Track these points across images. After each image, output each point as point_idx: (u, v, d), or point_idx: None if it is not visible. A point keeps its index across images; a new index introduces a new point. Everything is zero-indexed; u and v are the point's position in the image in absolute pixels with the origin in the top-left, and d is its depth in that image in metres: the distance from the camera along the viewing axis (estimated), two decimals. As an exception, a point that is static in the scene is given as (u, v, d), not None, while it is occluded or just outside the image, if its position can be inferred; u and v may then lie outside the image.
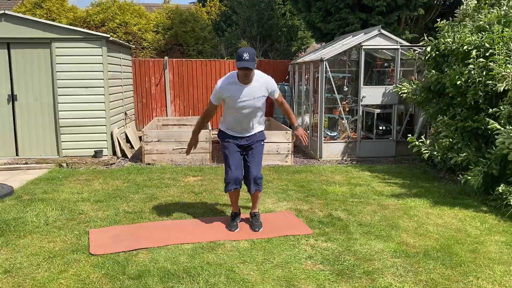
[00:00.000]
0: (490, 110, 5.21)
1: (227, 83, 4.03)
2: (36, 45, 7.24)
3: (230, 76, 4.06)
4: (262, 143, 4.38)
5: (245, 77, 3.93)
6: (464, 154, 5.46)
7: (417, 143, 6.14)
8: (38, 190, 5.71)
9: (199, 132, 4.39)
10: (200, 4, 17.02)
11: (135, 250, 3.84)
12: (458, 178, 6.04)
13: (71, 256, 3.72)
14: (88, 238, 4.10)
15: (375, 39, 7.84)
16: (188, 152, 4.46)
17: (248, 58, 3.79)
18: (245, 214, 4.71)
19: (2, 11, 7.15)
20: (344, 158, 7.96)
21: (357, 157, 7.98)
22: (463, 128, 5.65)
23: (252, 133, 4.27)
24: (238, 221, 4.43)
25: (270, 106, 10.81)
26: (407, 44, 8.14)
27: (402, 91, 7.16)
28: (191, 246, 3.93)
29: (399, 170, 7.07)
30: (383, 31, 7.88)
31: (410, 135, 6.43)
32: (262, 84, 4.07)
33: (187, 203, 5.23)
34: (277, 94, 4.21)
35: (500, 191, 4.91)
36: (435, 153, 5.91)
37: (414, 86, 6.98)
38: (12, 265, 3.54)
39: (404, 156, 8.02)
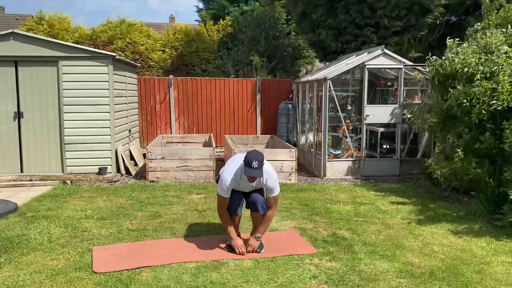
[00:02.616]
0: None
1: (234, 179, 4.10)
2: (43, 63, 7.34)
3: (236, 173, 4.10)
4: None
5: (252, 181, 4.08)
6: (478, 171, 5.46)
7: (431, 164, 6.15)
8: (42, 207, 5.71)
9: (232, 227, 4.23)
10: (211, 23, 17.23)
11: (138, 268, 3.81)
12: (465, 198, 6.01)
13: (74, 274, 3.70)
14: (91, 256, 4.08)
15: (379, 59, 7.91)
16: (244, 253, 4.17)
17: (256, 166, 3.90)
18: (243, 233, 4.69)
19: (11, 30, 7.27)
20: (348, 177, 7.93)
21: (361, 175, 7.96)
22: (469, 147, 5.64)
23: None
24: None
25: (274, 124, 10.85)
26: (411, 63, 8.19)
27: (408, 117, 7.24)
28: (194, 264, 3.91)
29: (404, 189, 7.03)
30: (386, 51, 7.95)
31: (426, 162, 6.39)
32: (264, 181, 4.13)
33: (191, 221, 5.21)
34: (273, 194, 4.19)
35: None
36: (443, 171, 5.88)
37: (421, 107, 7.00)
38: (14, 283, 3.53)
39: (408, 175, 7.99)
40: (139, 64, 11.99)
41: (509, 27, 5.91)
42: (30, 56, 7.26)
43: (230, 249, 4.23)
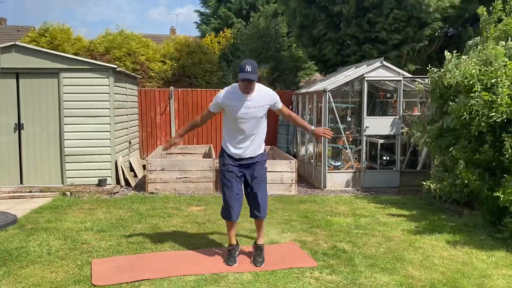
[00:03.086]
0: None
1: (230, 92, 4.09)
2: (44, 75, 7.38)
3: (233, 86, 4.13)
4: (265, 165, 4.34)
5: (247, 89, 3.99)
6: (477, 183, 5.47)
7: (429, 184, 6.18)
8: (41, 219, 5.70)
9: (185, 134, 4.58)
10: (213, 34, 17.37)
11: (137, 281, 3.79)
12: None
13: (73, 287, 3.68)
14: (91, 269, 4.07)
15: (378, 71, 7.95)
16: (165, 149, 4.53)
17: (250, 70, 3.87)
18: (245, 246, 4.67)
19: (13, 43, 7.32)
20: (348, 188, 7.92)
21: (361, 187, 7.95)
22: (470, 160, 5.65)
23: (253, 150, 4.20)
24: (237, 255, 4.32)
25: (274, 134, 10.86)
26: (409, 75, 8.23)
27: (405, 130, 7.28)
28: (193, 278, 3.89)
29: (404, 201, 7.02)
30: (385, 63, 7.99)
31: (424, 181, 6.40)
32: (263, 95, 4.12)
33: (190, 234, 5.19)
34: (280, 105, 4.28)
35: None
36: (441, 187, 5.90)
37: (421, 117, 7.04)
38: (13, 296, 3.51)
39: (408, 186, 7.97)
40: (140, 76, 12.04)
41: (509, 40, 5.96)
42: (31, 68, 7.31)
43: (229, 262, 4.21)
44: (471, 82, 5.55)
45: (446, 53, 6.41)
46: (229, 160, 4.22)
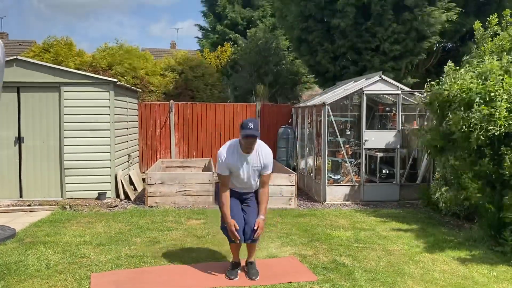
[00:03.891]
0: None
1: (230, 152, 4.13)
2: (45, 89, 7.42)
3: (231, 145, 4.17)
4: None
5: (249, 145, 4.06)
6: (479, 196, 5.47)
7: (441, 193, 6.17)
8: (40, 233, 5.68)
9: (229, 211, 4.16)
10: (208, 50, 17.54)
11: (136, 296, 3.77)
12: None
13: (71, 301, 3.66)
14: (89, 283, 4.04)
15: (377, 85, 8.00)
16: (236, 239, 4.13)
17: (253, 127, 3.96)
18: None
19: (14, 57, 7.38)
20: (348, 202, 7.91)
21: (361, 200, 7.94)
22: (470, 173, 5.66)
23: (252, 191, 4.34)
24: (239, 271, 4.32)
25: (273, 148, 10.88)
26: (408, 89, 8.28)
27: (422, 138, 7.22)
28: (193, 292, 3.86)
29: (404, 214, 7.01)
30: (384, 77, 8.05)
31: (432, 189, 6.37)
32: (260, 156, 4.17)
33: (190, 247, 5.18)
34: (267, 172, 4.24)
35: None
36: (443, 199, 5.90)
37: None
38: (11, 311, 3.49)
39: (408, 200, 7.96)
40: (140, 90, 12.10)
41: (505, 54, 6.02)
42: (32, 82, 7.35)
43: (230, 275, 4.20)
44: (469, 95, 5.59)
45: (446, 66, 6.45)
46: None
